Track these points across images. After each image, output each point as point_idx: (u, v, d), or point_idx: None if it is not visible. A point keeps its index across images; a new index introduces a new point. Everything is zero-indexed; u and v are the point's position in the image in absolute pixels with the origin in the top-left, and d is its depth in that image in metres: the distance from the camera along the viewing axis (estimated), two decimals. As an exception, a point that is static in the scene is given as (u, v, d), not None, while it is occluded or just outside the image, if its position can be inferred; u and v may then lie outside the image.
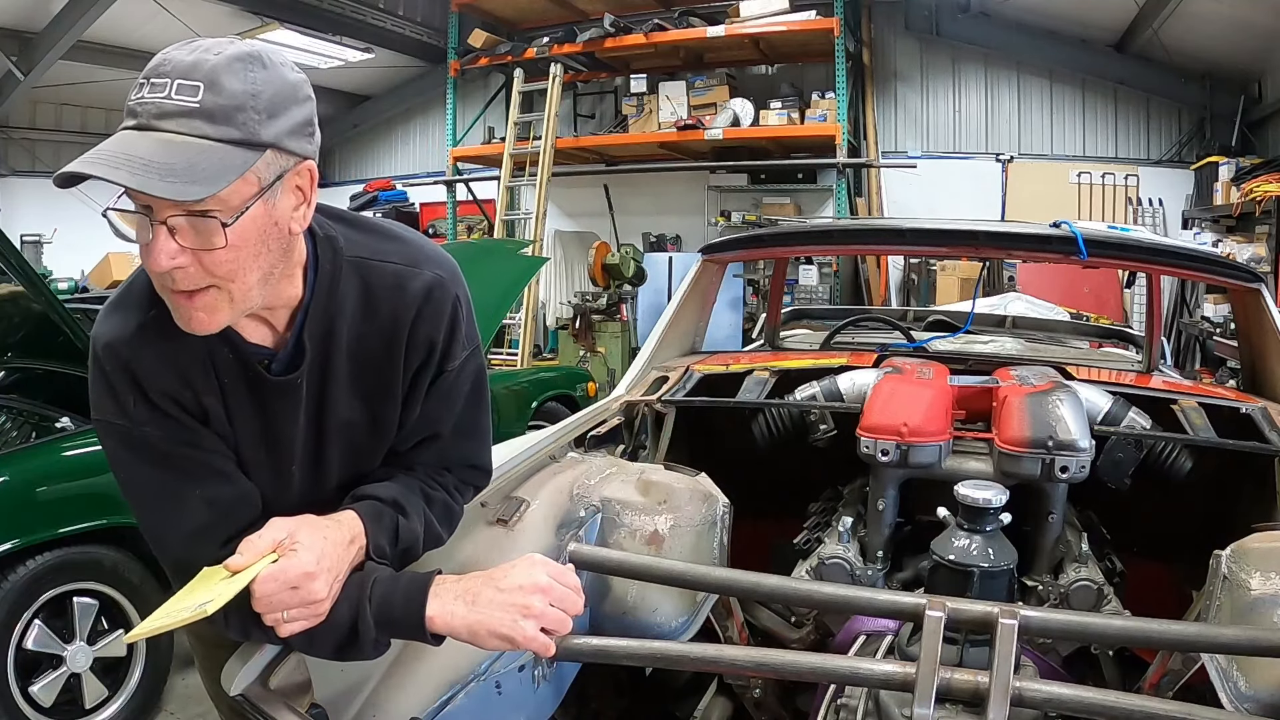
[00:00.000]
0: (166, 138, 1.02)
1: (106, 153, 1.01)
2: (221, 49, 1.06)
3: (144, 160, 1.00)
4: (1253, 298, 2.66)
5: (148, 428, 1.17)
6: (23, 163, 9.80)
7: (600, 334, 8.49)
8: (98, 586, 2.97)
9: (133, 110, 1.04)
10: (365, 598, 1.18)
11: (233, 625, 1.17)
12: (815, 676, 1.61)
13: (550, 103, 8.93)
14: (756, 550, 2.16)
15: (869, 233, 3.31)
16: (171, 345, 1.16)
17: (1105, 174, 9.15)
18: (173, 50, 1.06)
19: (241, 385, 1.22)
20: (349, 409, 1.30)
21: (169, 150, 1.01)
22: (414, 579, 1.21)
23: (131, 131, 1.04)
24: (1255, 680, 1.39)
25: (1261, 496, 2.10)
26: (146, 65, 1.06)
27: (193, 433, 1.20)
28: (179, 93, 1.03)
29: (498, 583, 1.20)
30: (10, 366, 3.86)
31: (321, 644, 1.19)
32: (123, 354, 1.16)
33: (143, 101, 1.03)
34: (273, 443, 1.27)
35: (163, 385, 1.17)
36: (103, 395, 1.18)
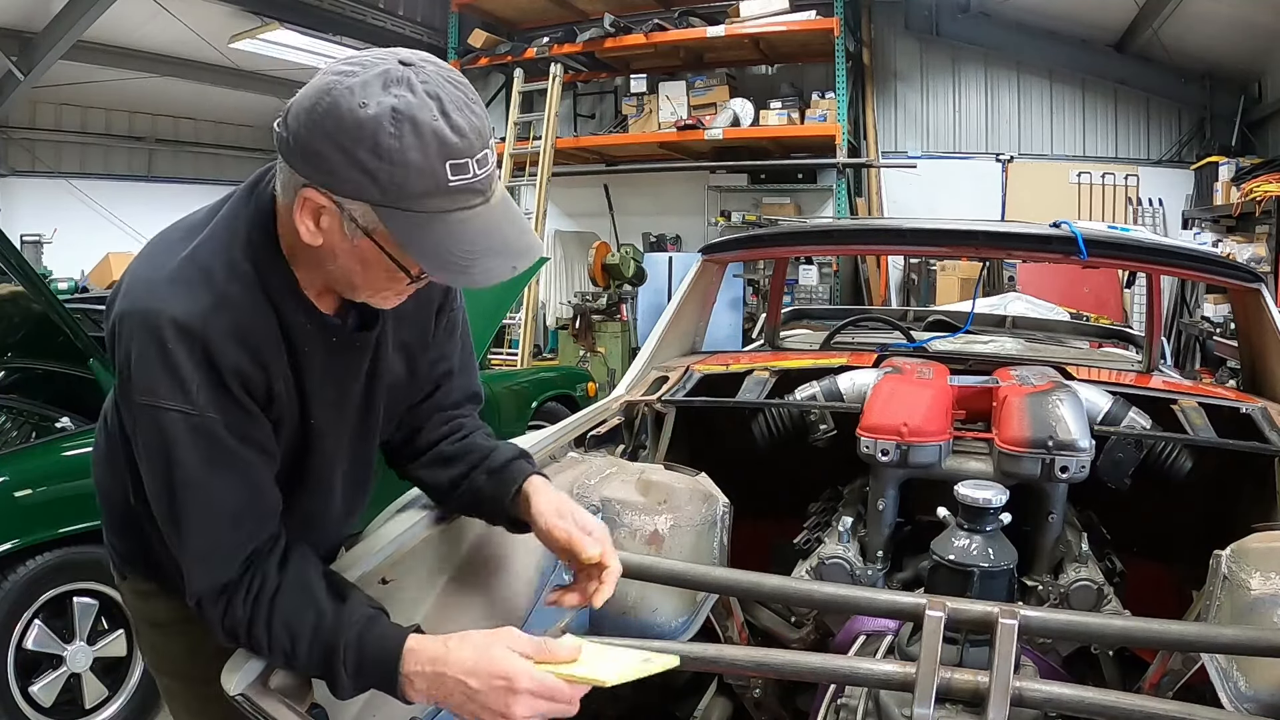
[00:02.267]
0: (504, 201, 1.13)
1: (498, 244, 1.10)
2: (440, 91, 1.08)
3: (517, 237, 1.13)
4: (1253, 298, 2.66)
5: (211, 414, 1.12)
6: (23, 163, 9.77)
7: (600, 334, 8.49)
8: (98, 586, 2.97)
9: (472, 188, 1.08)
10: (340, 660, 1.13)
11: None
12: (815, 676, 1.61)
13: (550, 103, 8.92)
14: (756, 550, 2.16)
15: (869, 233, 3.31)
16: (248, 320, 1.15)
17: (1105, 174, 9.15)
18: (439, 112, 1.06)
19: (320, 352, 1.24)
20: (395, 363, 1.36)
21: (515, 212, 1.15)
22: (383, 644, 1.13)
23: (484, 208, 1.10)
24: (1255, 680, 1.39)
25: (1261, 496, 2.10)
26: (446, 144, 1.05)
27: (251, 421, 1.17)
28: (492, 155, 1.11)
29: (470, 695, 1.10)
30: (10, 366, 3.86)
31: (301, 673, 1.21)
32: (196, 329, 1.11)
33: (478, 178, 1.08)
34: (340, 405, 1.30)
35: (236, 364, 1.14)
36: (161, 378, 1.11)
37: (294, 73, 10.21)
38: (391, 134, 1.02)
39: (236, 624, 1.16)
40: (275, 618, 1.16)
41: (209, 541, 1.16)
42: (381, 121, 1.03)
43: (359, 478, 1.42)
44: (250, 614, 1.16)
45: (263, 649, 1.17)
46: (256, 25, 9.03)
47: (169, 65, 9.64)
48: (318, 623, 1.15)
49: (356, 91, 1.04)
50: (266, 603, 1.16)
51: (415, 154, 1.03)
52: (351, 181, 1.05)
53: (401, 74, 1.06)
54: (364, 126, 1.03)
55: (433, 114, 1.04)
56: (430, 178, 1.04)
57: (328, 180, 1.07)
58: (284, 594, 1.17)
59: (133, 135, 10.74)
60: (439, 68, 1.10)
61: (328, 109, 1.04)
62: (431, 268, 1.09)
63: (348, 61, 1.09)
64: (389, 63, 1.07)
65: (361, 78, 1.05)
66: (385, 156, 1.03)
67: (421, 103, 1.04)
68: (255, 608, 1.16)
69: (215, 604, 1.16)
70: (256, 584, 1.17)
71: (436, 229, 1.07)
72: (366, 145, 1.03)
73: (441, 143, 1.04)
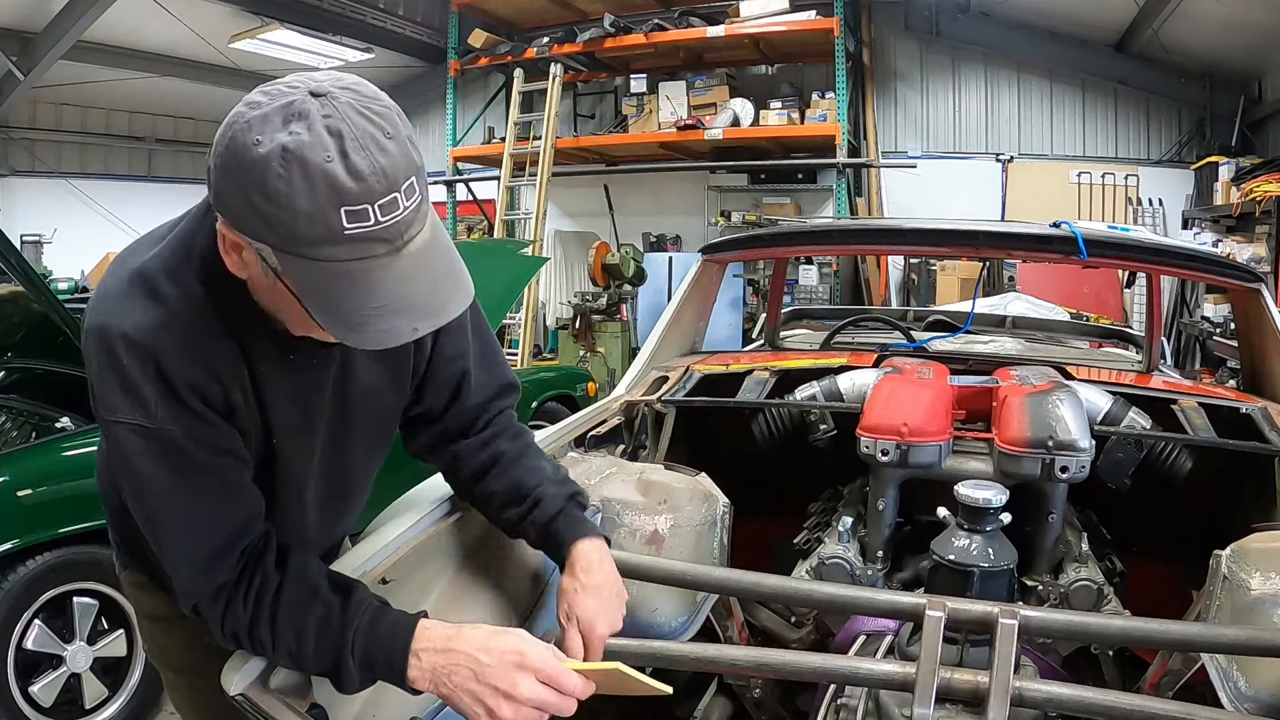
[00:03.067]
0: (424, 250, 1.01)
1: (400, 301, 0.99)
2: (364, 125, 0.97)
3: (428, 292, 1.02)
4: (1253, 298, 2.66)
5: (170, 426, 1.09)
6: (23, 163, 9.79)
7: (600, 334, 8.49)
8: (98, 586, 2.97)
9: (375, 237, 0.97)
10: (348, 650, 1.13)
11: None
12: (815, 676, 1.61)
13: (550, 103, 8.92)
14: (756, 550, 2.16)
15: (869, 233, 3.31)
16: (200, 337, 1.11)
17: (1105, 174, 9.16)
18: (337, 152, 0.95)
19: (278, 369, 1.20)
20: (370, 372, 1.31)
21: (435, 261, 1.03)
22: (394, 633, 1.15)
23: (391, 259, 0.99)
24: (1255, 680, 1.39)
25: (1261, 496, 2.10)
26: (338, 188, 0.94)
27: (215, 430, 1.14)
28: (407, 199, 0.98)
29: (478, 672, 1.12)
30: (10, 366, 3.86)
31: (308, 672, 1.20)
32: (146, 345, 1.07)
33: (380, 225, 0.97)
34: (305, 421, 1.27)
35: (190, 378, 1.10)
36: (117, 392, 1.08)
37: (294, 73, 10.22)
38: (280, 175, 0.93)
39: (238, 624, 1.15)
40: (279, 615, 1.15)
41: (192, 546, 1.14)
42: (270, 162, 0.94)
43: (334, 493, 1.38)
44: (253, 613, 1.15)
45: (266, 648, 1.16)
46: (256, 25, 9.04)
47: (169, 65, 9.65)
48: (325, 615, 1.15)
49: (254, 126, 0.96)
50: (269, 600, 1.15)
51: (304, 199, 0.94)
52: (249, 222, 0.98)
53: (305, 107, 0.96)
54: (255, 166, 0.94)
55: (327, 154, 0.94)
56: (321, 224, 0.94)
57: (233, 219, 1.00)
58: (287, 590, 1.16)
59: (133, 135, 10.76)
60: (357, 96, 0.99)
61: (227, 145, 0.97)
62: (323, 320, 1.00)
63: (265, 88, 1.01)
64: (299, 92, 0.98)
65: (265, 110, 0.97)
66: (274, 200, 0.94)
67: (315, 141, 0.94)
68: (258, 607, 1.15)
69: (214, 606, 1.15)
70: (257, 582, 1.16)
71: (330, 279, 0.97)
72: (258, 187, 0.94)
73: (332, 187, 0.93)
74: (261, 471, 1.25)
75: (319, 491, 1.35)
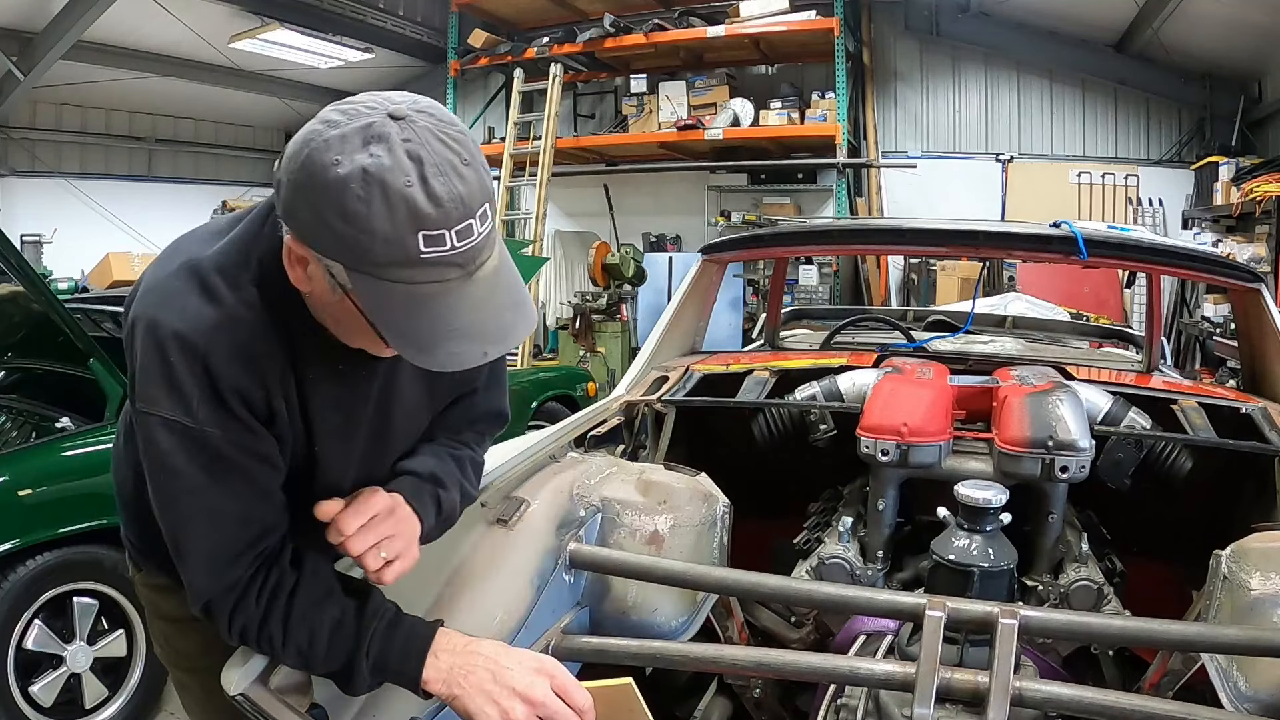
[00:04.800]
0: (493, 275, 1.04)
1: (470, 326, 1.02)
2: (446, 154, 0.99)
3: (495, 318, 1.04)
4: (1253, 298, 2.66)
5: (210, 428, 1.10)
6: (23, 163, 9.78)
7: (600, 334, 8.49)
8: (98, 586, 2.97)
9: (449, 261, 0.99)
10: (363, 651, 1.15)
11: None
12: (815, 676, 1.61)
13: (550, 103, 8.92)
14: (756, 550, 2.16)
15: (869, 233, 3.31)
16: (252, 340, 1.12)
17: (1105, 174, 9.16)
18: (417, 177, 0.96)
19: (326, 378, 1.21)
20: (413, 387, 1.33)
21: (503, 289, 1.05)
22: (413, 635, 1.18)
23: (461, 284, 1.01)
24: (1255, 680, 1.39)
25: (1261, 496, 2.10)
26: (417, 213, 0.96)
27: (252, 435, 1.14)
28: (481, 225, 1.00)
29: (496, 673, 1.15)
30: (10, 366, 3.86)
31: (316, 673, 1.21)
32: (198, 346, 1.08)
33: (456, 251, 0.99)
34: (346, 429, 1.28)
35: (236, 382, 1.10)
36: (161, 388, 1.09)
37: (294, 73, 10.21)
38: (359, 198, 0.95)
39: (249, 621, 1.15)
40: (294, 613, 1.15)
41: (213, 546, 1.15)
42: (349, 184, 0.95)
43: (382, 479, 1.39)
44: (265, 610, 1.15)
45: (276, 645, 1.16)
46: (256, 25, 9.04)
47: (169, 65, 9.65)
48: (340, 617, 1.16)
49: (333, 146, 0.97)
50: (284, 598, 1.16)
51: (383, 222, 0.95)
52: (323, 240, 0.99)
53: (384, 130, 0.97)
54: (331, 188, 0.96)
55: (407, 179, 0.95)
56: (398, 248, 0.96)
57: (304, 235, 1.01)
58: (303, 589, 1.17)
59: (133, 135, 10.75)
60: (435, 121, 1.00)
61: (304, 162, 0.98)
62: (394, 341, 1.02)
63: (340, 105, 1.02)
64: (377, 114, 0.99)
65: (343, 130, 0.98)
66: (351, 221, 0.96)
67: (396, 164, 0.95)
68: (271, 604, 1.15)
69: (225, 602, 1.15)
70: (272, 580, 1.16)
71: (403, 301, 0.99)
72: (334, 208, 0.96)
73: (412, 212, 0.95)
74: (301, 475, 1.27)
75: (359, 485, 1.36)
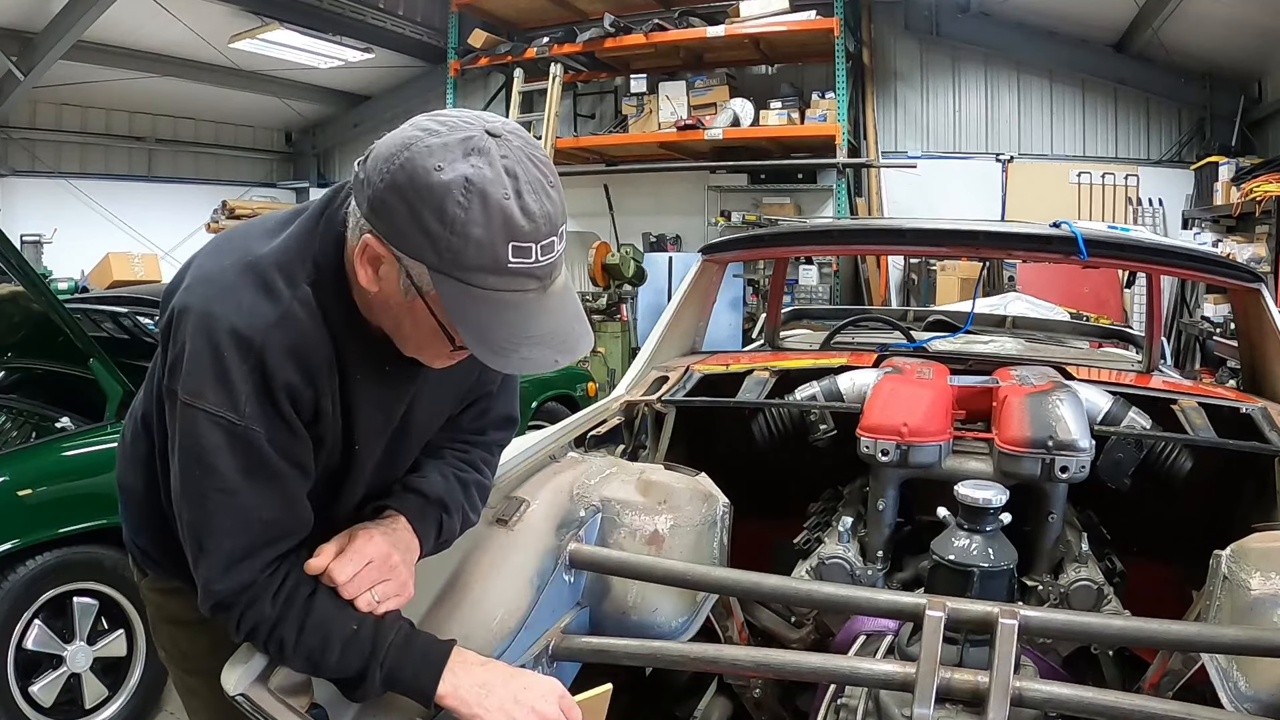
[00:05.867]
0: (563, 291, 1.12)
1: (544, 334, 1.09)
2: (527, 174, 1.06)
3: (566, 329, 1.11)
4: (1253, 298, 2.66)
5: (255, 427, 1.12)
6: (23, 163, 9.77)
7: (600, 334, 8.48)
8: (98, 586, 2.97)
9: (531, 273, 1.06)
10: (377, 663, 1.17)
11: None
12: (815, 676, 1.61)
13: (550, 103, 8.92)
14: (756, 550, 2.16)
15: (869, 233, 3.32)
16: (306, 340, 1.14)
17: (1105, 174, 9.15)
18: (513, 191, 1.04)
19: (372, 379, 1.23)
20: (438, 390, 1.36)
21: (571, 303, 1.13)
22: (429, 651, 1.21)
23: (538, 295, 1.08)
24: (1255, 680, 1.39)
25: (1261, 496, 2.10)
26: (512, 224, 1.03)
27: (293, 438, 1.16)
28: (560, 244, 1.08)
29: (515, 692, 1.20)
30: (10, 366, 3.86)
31: (325, 676, 1.21)
32: (254, 341, 1.10)
33: (539, 264, 1.06)
34: (381, 430, 1.30)
35: (288, 379, 1.13)
36: (209, 381, 1.10)
37: (294, 73, 10.21)
38: (460, 203, 1.02)
39: (260, 622, 1.16)
40: (310, 619, 1.16)
41: (236, 546, 1.15)
42: (452, 189, 1.02)
43: (378, 491, 1.41)
44: (280, 613, 1.16)
45: (286, 648, 1.17)
46: (256, 25, 9.03)
47: (169, 65, 9.64)
48: (357, 629, 1.18)
49: (435, 153, 1.03)
50: (301, 603, 1.17)
51: (479, 229, 1.02)
52: (412, 240, 1.04)
53: (484, 144, 1.04)
54: (434, 191, 1.02)
55: (505, 192, 1.03)
56: (489, 254, 1.03)
57: (390, 233, 1.06)
58: (320, 597, 1.18)
59: (133, 135, 10.74)
60: (525, 143, 1.08)
61: (403, 164, 1.04)
62: (472, 343, 1.07)
63: (437, 117, 1.09)
64: (475, 129, 1.06)
65: (444, 139, 1.04)
66: (448, 224, 1.02)
67: (496, 177, 1.03)
68: (287, 608, 1.16)
69: (238, 602, 1.16)
70: (290, 584, 1.17)
71: (485, 306, 1.06)
72: (433, 209, 1.02)
73: (507, 222, 1.03)
74: (334, 476, 1.29)
75: (369, 489, 1.38)
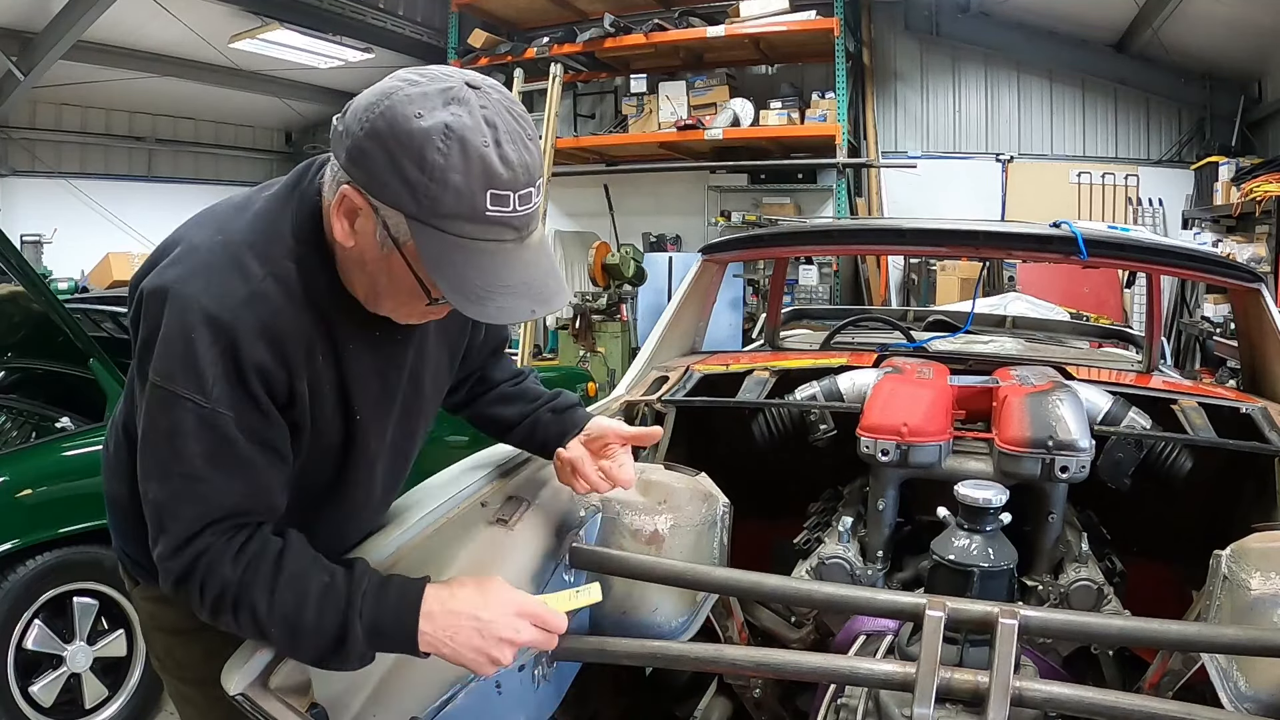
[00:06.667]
0: (539, 245, 1.13)
1: (520, 284, 1.09)
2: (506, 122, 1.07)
3: (542, 282, 1.12)
4: (1253, 298, 2.66)
5: (223, 410, 1.10)
6: (23, 163, 9.77)
7: (600, 334, 8.48)
8: (98, 586, 2.98)
9: (508, 223, 1.07)
10: (355, 611, 1.12)
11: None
12: (815, 676, 1.61)
13: (550, 103, 8.90)
14: (756, 550, 2.16)
15: (869, 233, 3.32)
16: (281, 320, 1.13)
17: (1105, 174, 9.15)
18: (492, 140, 1.05)
19: (364, 348, 1.23)
20: (436, 351, 1.37)
21: (546, 258, 1.15)
22: (405, 592, 1.16)
23: (515, 245, 1.09)
24: (1255, 680, 1.39)
25: (1261, 496, 2.10)
26: (490, 172, 1.04)
27: (264, 419, 1.14)
28: (537, 196, 1.10)
29: (481, 629, 1.16)
30: (10, 366, 3.86)
31: (304, 650, 1.16)
32: (225, 321, 1.09)
33: (517, 214, 1.07)
34: (384, 397, 1.30)
35: (260, 361, 1.11)
36: (178, 362, 1.09)
37: (294, 73, 10.20)
38: (439, 150, 1.02)
39: (225, 586, 1.11)
40: (281, 578, 1.13)
41: (192, 523, 1.12)
42: (431, 135, 1.02)
43: (398, 467, 1.43)
44: (246, 575, 1.12)
45: (260, 613, 1.12)
46: (256, 25, 9.02)
47: (169, 65, 9.63)
48: (329, 581, 1.14)
49: (415, 101, 1.04)
50: (270, 563, 1.13)
51: (458, 175, 1.02)
52: (391, 188, 1.04)
53: (464, 94, 1.05)
54: (414, 137, 1.02)
55: (485, 140, 1.03)
56: (467, 201, 1.03)
57: (369, 182, 1.06)
58: (289, 555, 1.15)
59: (133, 135, 10.74)
60: (504, 97, 1.09)
61: (383, 112, 1.04)
62: (449, 292, 1.07)
63: (416, 70, 1.09)
64: (454, 80, 1.07)
65: (423, 89, 1.05)
66: (427, 171, 1.02)
67: (476, 125, 1.04)
68: (254, 570, 1.12)
69: (194, 568, 1.12)
70: (253, 547, 1.14)
71: (462, 254, 1.06)
72: (412, 156, 1.02)
73: (486, 170, 1.03)
74: (341, 452, 1.28)
75: (386, 464, 1.38)
